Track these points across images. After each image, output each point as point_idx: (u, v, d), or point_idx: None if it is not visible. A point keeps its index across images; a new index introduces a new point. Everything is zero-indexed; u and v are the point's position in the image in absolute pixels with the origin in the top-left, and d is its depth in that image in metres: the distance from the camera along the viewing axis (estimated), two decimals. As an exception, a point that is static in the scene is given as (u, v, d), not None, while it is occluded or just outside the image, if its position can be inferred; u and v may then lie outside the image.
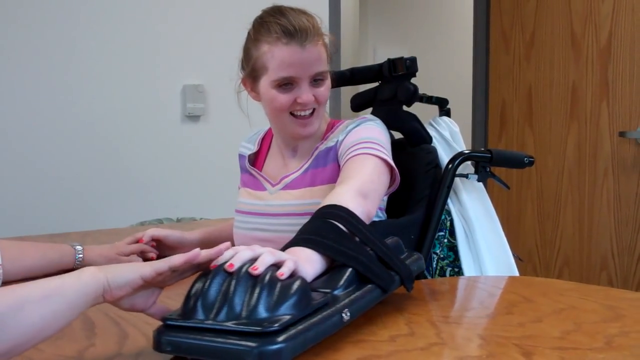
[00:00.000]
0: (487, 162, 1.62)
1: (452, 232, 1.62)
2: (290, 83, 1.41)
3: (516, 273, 1.60)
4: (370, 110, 1.76)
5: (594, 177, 2.99)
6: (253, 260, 0.88)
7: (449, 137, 1.70)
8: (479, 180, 1.63)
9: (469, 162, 1.64)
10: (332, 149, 1.48)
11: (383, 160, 1.37)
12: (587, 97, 3.00)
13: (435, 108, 1.77)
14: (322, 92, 1.44)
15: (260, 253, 0.89)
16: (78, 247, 1.45)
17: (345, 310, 0.89)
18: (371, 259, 1.02)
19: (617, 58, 2.89)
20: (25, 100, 2.58)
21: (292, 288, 0.83)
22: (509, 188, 1.73)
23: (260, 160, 1.61)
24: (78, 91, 2.67)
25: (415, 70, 1.64)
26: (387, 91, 1.68)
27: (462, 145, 1.69)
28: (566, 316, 1.02)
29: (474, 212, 1.61)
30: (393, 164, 1.39)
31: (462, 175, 1.63)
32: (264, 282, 0.83)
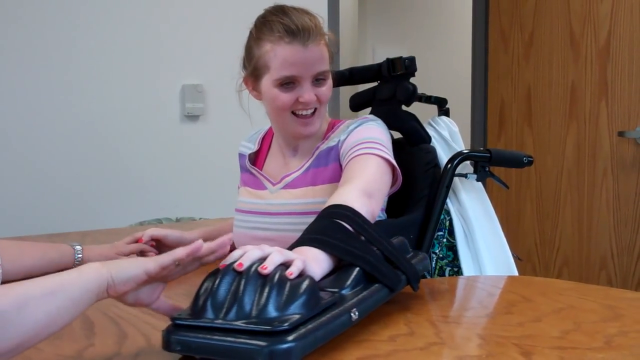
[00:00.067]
0: (486, 162, 1.62)
1: (451, 232, 1.62)
2: (292, 82, 1.41)
3: (515, 273, 1.60)
4: (369, 110, 1.76)
5: (593, 177, 2.99)
6: (262, 259, 0.88)
7: (448, 136, 1.70)
8: (478, 180, 1.63)
9: (468, 161, 1.64)
10: (334, 148, 1.48)
11: (386, 160, 1.38)
12: (586, 97, 3.00)
13: (434, 108, 1.77)
14: (323, 91, 1.44)
15: (269, 252, 0.89)
16: (77, 247, 1.45)
17: (354, 310, 0.89)
18: (378, 259, 1.02)
19: (616, 58, 2.89)
20: (24, 99, 2.58)
21: (301, 287, 0.84)
22: (508, 188, 1.73)
23: (260, 160, 1.61)
24: (77, 91, 2.67)
25: (414, 69, 1.64)
26: (386, 91, 1.68)
27: (461, 145, 1.69)
28: (565, 316, 1.02)
29: (473, 211, 1.62)
30: (395, 164, 1.40)
31: (461, 175, 1.63)
32: (273, 282, 0.83)
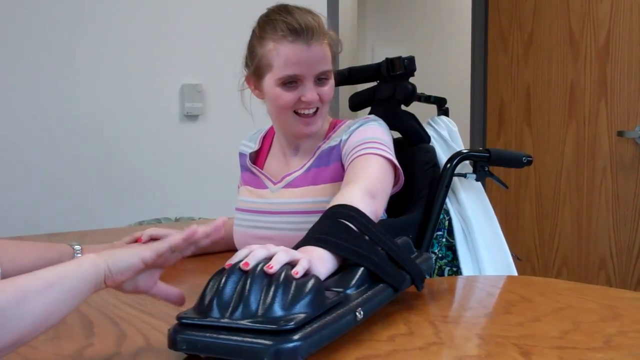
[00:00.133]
0: (485, 162, 1.62)
1: (450, 232, 1.62)
2: (294, 81, 1.41)
3: (514, 272, 1.60)
4: (368, 109, 1.76)
5: (592, 177, 3.00)
6: (268, 258, 0.88)
7: (447, 136, 1.70)
8: (477, 180, 1.63)
9: (467, 161, 1.64)
10: (335, 148, 1.48)
11: (388, 160, 1.38)
12: (585, 97, 3.00)
13: (433, 107, 1.77)
14: (326, 91, 1.44)
15: (275, 252, 0.89)
16: (77, 246, 1.45)
17: (359, 309, 0.89)
18: (383, 259, 1.02)
19: (615, 58, 2.89)
20: (23, 99, 2.58)
21: (306, 286, 0.84)
22: (507, 187, 1.73)
23: (261, 159, 1.61)
24: (76, 91, 2.67)
25: (414, 69, 1.64)
26: (386, 90, 1.68)
27: (460, 145, 1.70)
28: (565, 316, 1.02)
29: (472, 211, 1.62)
30: (398, 164, 1.40)
31: (460, 175, 1.63)
32: (279, 281, 0.84)
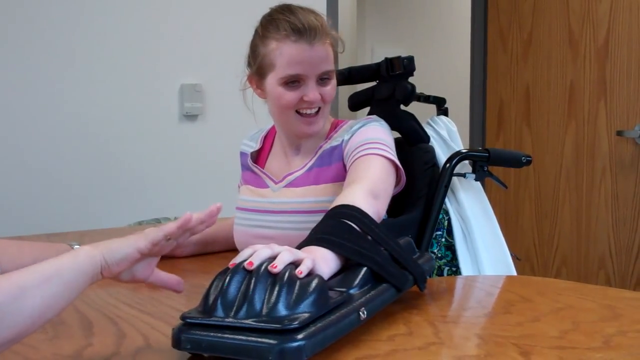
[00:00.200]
0: (484, 162, 1.62)
1: (449, 232, 1.62)
2: (297, 81, 1.41)
3: (514, 272, 1.60)
4: (368, 109, 1.76)
5: (591, 177, 3.00)
6: (272, 258, 0.88)
7: (446, 136, 1.70)
8: (476, 180, 1.63)
9: (466, 161, 1.64)
10: (337, 148, 1.48)
11: (390, 160, 1.38)
12: (584, 96, 3.00)
13: (432, 107, 1.77)
14: (328, 91, 1.45)
15: (279, 251, 0.90)
16: (76, 246, 1.45)
17: (363, 309, 0.90)
18: (385, 259, 1.03)
19: (614, 57, 2.89)
20: (22, 99, 2.57)
21: (310, 286, 0.84)
22: (506, 187, 1.73)
23: (262, 158, 1.61)
24: (75, 91, 2.67)
25: (413, 69, 1.64)
26: (385, 90, 1.68)
27: (459, 145, 1.70)
28: (564, 315, 1.02)
29: (471, 211, 1.62)
30: (399, 165, 1.40)
31: (459, 175, 1.63)
32: (283, 280, 0.84)
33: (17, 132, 2.56)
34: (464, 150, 1.63)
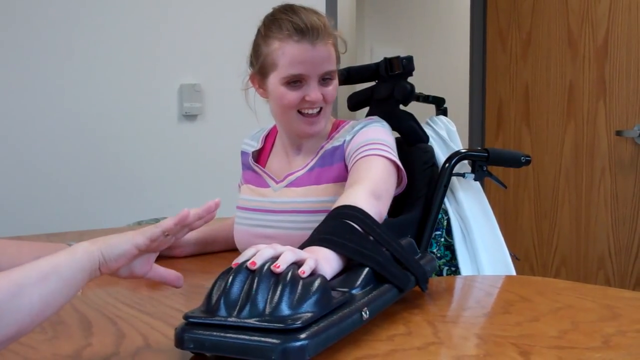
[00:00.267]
0: (484, 161, 1.62)
1: (449, 231, 1.62)
2: (299, 81, 1.42)
3: (513, 272, 1.60)
4: (367, 109, 1.76)
5: (591, 176, 3.00)
6: (274, 258, 0.88)
7: (445, 136, 1.70)
8: (475, 180, 1.63)
9: (465, 161, 1.64)
10: (339, 148, 1.48)
11: (391, 161, 1.38)
12: (584, 96, 3.00)
13: (432, 107, 1.77)
14: (330, 91, 1.45)
15: (282, 251, 0.90)
16: (75, 246, 1.45)
17: (365, 309, 0.90)
18: (387, 259, 1.03)
19: (613, 57, 2.89)
20: (21, 99, 2.57)
21: (313, 286, 0.84)
22: (506, 187, 1.73)
23: (263, 158, 1.62)
24: (75, 90, 2.66)
25: (412, 69, 1.64)
26: (384, 90, 1.68)
27: (459, 145, 1.70)
28: (563, 315, 1.02)
29: (470, 211, 1.62)
30: (401, 166, 1.40)
31: (459, 175, 1.63)
32: (286, 280, 0.84)
33: (16, 132, 2.56)
34: (463, 150, 1.63)
